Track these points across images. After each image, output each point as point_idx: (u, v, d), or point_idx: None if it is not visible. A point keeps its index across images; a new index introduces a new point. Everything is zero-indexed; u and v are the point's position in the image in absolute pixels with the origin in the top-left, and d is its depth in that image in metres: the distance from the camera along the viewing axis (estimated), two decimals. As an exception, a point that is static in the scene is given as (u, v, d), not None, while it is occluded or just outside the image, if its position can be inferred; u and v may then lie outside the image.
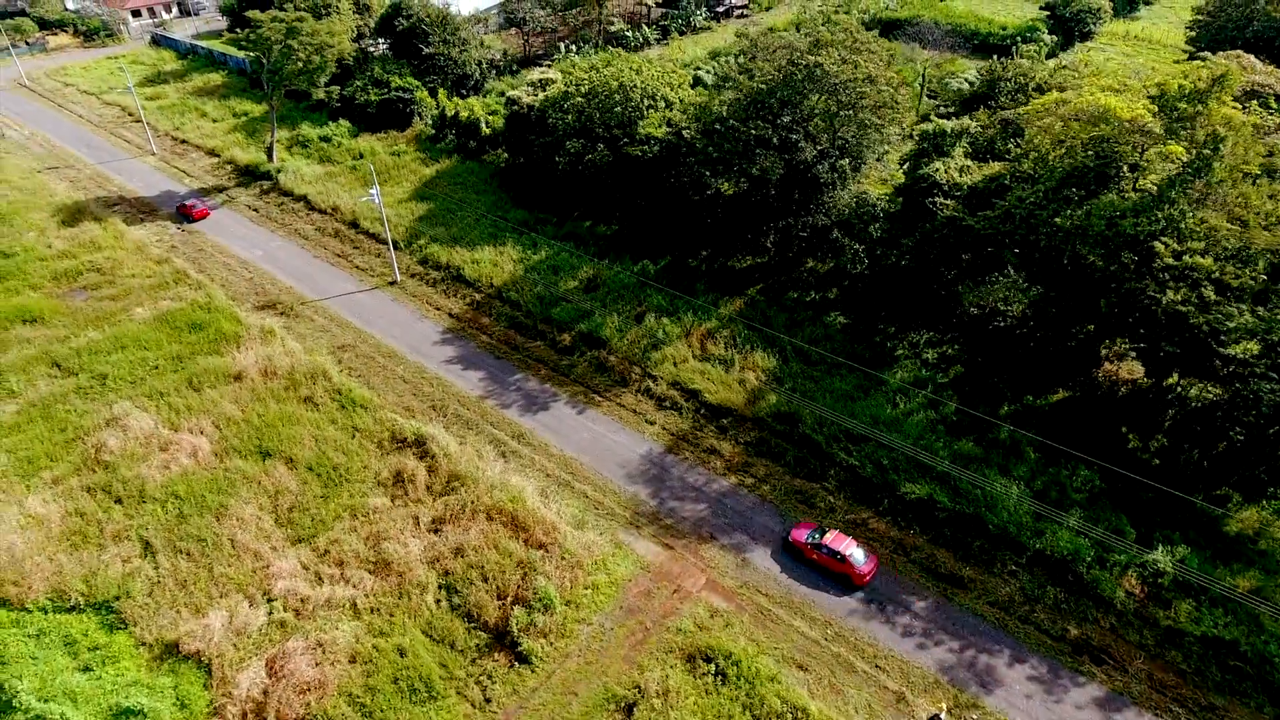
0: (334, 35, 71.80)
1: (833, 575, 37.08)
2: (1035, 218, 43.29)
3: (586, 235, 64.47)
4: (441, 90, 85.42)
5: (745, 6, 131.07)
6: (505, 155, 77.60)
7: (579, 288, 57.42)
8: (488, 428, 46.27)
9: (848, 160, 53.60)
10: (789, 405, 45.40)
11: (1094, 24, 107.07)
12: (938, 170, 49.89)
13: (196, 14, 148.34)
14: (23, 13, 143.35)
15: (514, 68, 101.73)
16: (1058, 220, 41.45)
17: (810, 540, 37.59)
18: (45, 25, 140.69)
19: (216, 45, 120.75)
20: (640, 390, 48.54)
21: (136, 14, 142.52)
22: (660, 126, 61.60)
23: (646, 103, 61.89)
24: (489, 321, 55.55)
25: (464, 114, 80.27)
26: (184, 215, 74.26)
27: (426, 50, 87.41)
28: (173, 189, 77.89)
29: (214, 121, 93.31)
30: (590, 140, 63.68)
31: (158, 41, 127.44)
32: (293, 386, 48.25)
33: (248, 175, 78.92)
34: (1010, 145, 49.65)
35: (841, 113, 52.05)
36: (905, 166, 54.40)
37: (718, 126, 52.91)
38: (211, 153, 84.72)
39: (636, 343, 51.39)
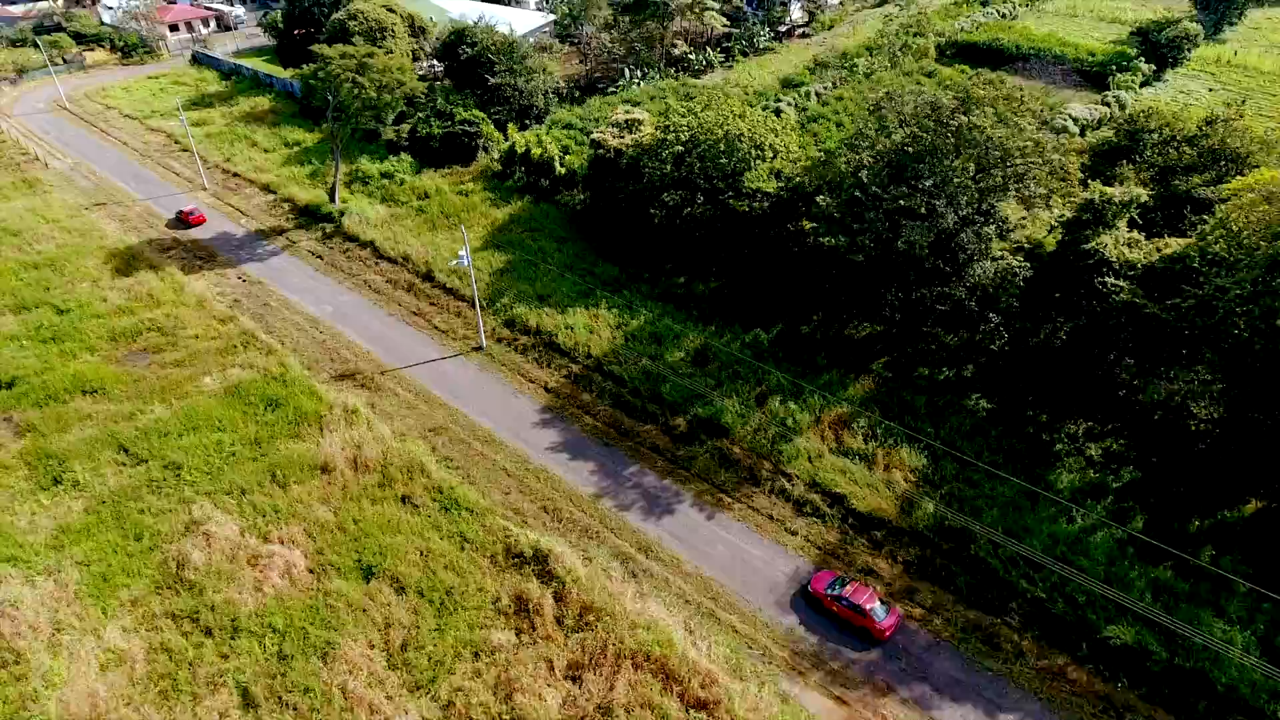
0: (404, 71, 66.92)
1: (853, 629, 36.41)
2: (1239, 311, 37.88)
3: (684, 294, 59.37)
4: (512, 126, 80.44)
5: (807, 25, 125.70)
6: (581, 197, 72.65)
7: (686, 360, 52.31)
8: (609, 536, 41.24)
9: (993, 227, 48.24)
10: (950, 518, 40.14)
11: (1187, 49, 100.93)
12: (1106, 246, 44.43)
13: (235, 28, 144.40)
14: (59, 28, 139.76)
15: (576, 94, 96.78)
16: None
17: (831, 592, 37.01)
18: (81, 40, 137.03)
19: (261, 65, 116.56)
20: (774, 490, 43.39)
21: (174, 28, 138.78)
22: (769, 180, 56.44)
23: (754, 153, 56.69)
24: (591, 399, 50.52)
25: (535, 151, 75.30)
26: (182, 222, 74.51)
27: (493, 81, 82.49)
28: (229, 230, 73.37)
29: (265, 152, 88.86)
30: (690, 191, 58.62)
31: (198, 60, 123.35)
32: (387, 482, 43.39)
33: (307, 216, 74.27)
34: (1194, 220, 44.19)
35: (992, 177, 46.61)
36: (1058, 233, 48.90)
37: (857, 194, 47.53)
38: (267, 189, 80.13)
39: (762, 431, 46.26)
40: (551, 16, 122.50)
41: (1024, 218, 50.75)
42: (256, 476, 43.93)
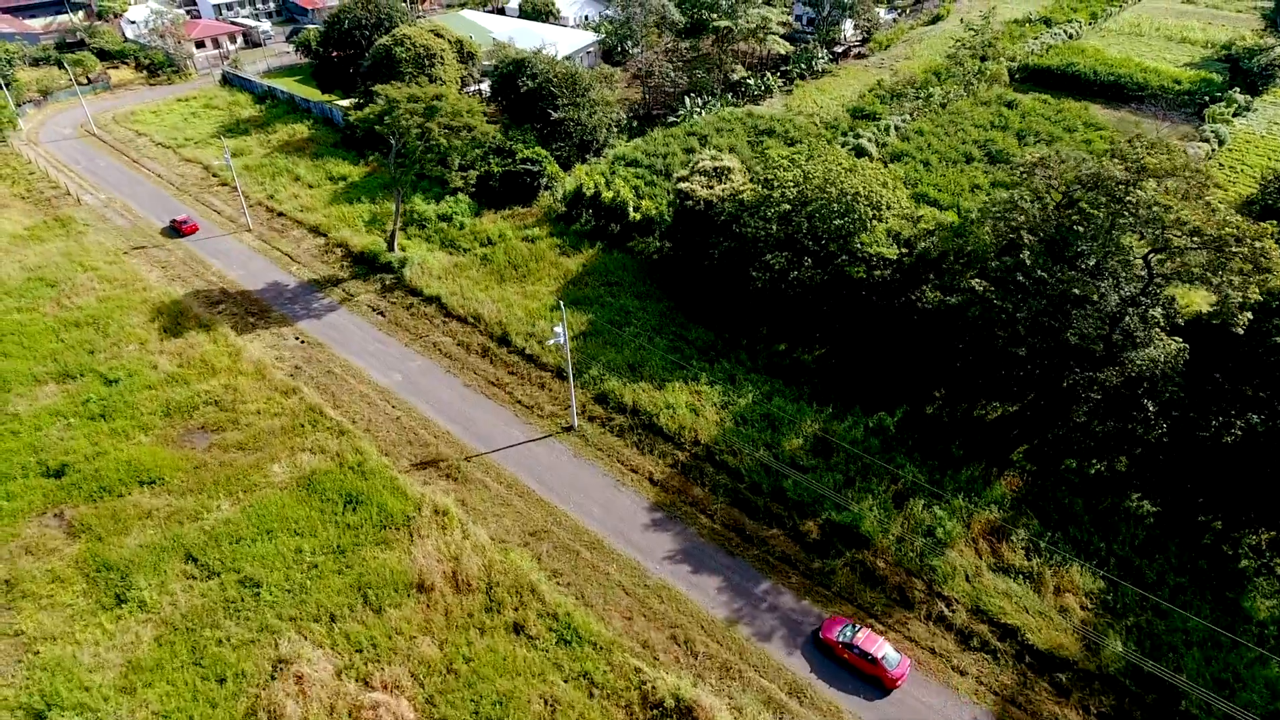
0: (474, 114, 61.84)
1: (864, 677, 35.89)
2: None
3: (789, 365, 54.29)
4: (580, 167, 75.33)
5: (862, 45, 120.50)
6: (657, 244, 67.65)
7: (805, 448, 47.24)
8: (753, 675, 36.22)
9: (1160, 309, 43.04)
10: (1144, 659, 35.04)
11: (1278, 75, 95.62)
12: (1304, 337, 39.24)
13: (263, 44, 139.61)
14: (82, 44, 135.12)
15: (633, 123, 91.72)
16: None
17: (842, 639, 36.64)
18: (105, 56, 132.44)
19: (295, 87, 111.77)
20: (932, 617, 38.34)
21: (200, 45, 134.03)
22: (889, 243, 51.32)
23: (870, 213, 51.57)
24: (704, 495, 45.47)
25: (607, 194, 70.25)
26: (174, 230, 76.08)
27: (556, 116, 77.40)
28: (280, 279, 68.44)
29: (310, 187, 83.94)
30: (795, 253, 53.55)
31: (229, 81, 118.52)
32: (495, 605, 38.43)
33: (363, 264, 69.31)
34: None
35: (1173, 261, 41.38)
36: (1243, 318, 43.57)
37: (1020, 277, 42.25)
38: (316, 231, 75.22)
39: (906, 542, 41.18)
40: (596, 36, 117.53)
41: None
42: (345, 597, 38.98)
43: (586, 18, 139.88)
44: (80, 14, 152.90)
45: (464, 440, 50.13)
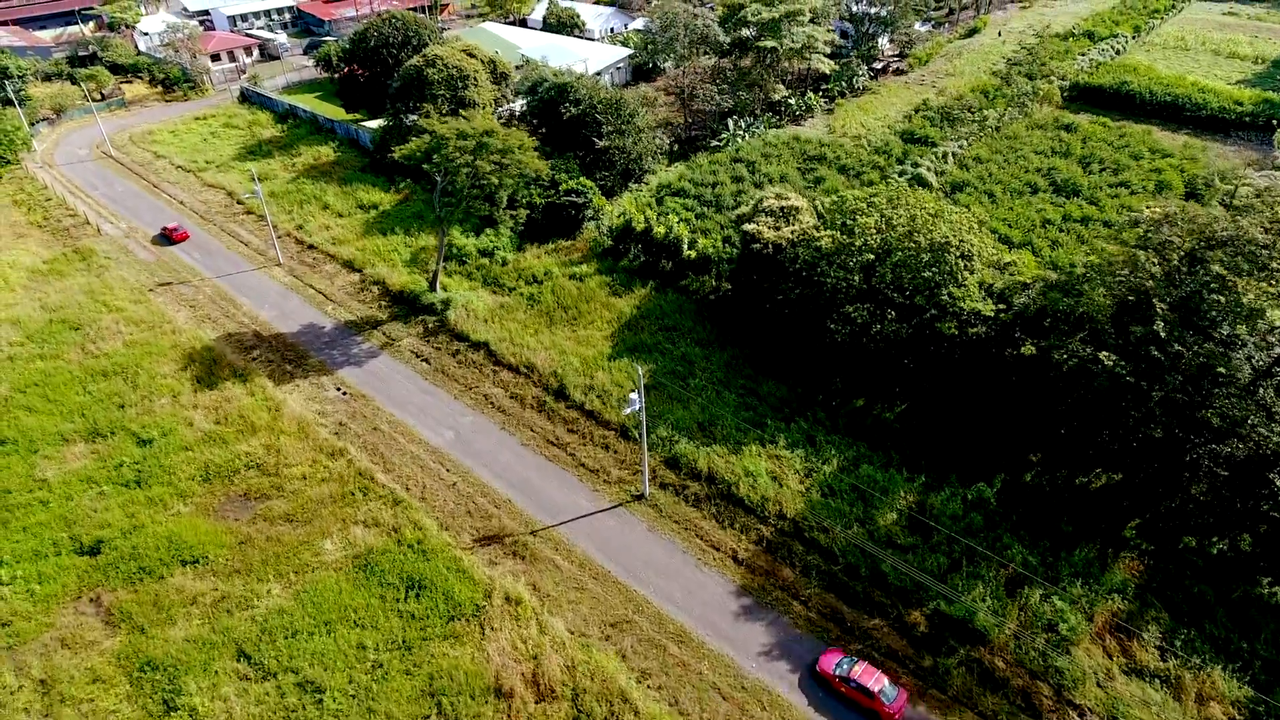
0: (525, 150, 58.23)
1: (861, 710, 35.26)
2: None
3: (870, 424, 50.72)
4: (628, 199, 71.69)
5: (900, 59, 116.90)
6: (713, 283, 64.13)
7: (902, 524, 43.70)
8: (873, 801, 32.70)
9: (1297, 377, 39.45)
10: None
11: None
12: None
13: (280, 58, 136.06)
14: (94, 57, 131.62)
15: (674, 146, 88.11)
16: None
17: (839, 672, 36.28)
18: (117, 70, 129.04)
19: (316, 105, 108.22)
20: (1064, 730, 34.80)
21: (215, 58, 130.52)
22: (982, 298, 47.74)
23: (961, 264, 47.99)
24: (794, 577, 41.92)
25: (659, 229, 66.68)
26: (165, 238, 77.80)
27: (601, 144, 73.80)
28: (315, 321, 64.93)
29: (339, 216, 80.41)
30: (877, 304, 49.98)
31: (248, 98, 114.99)
32: (583, 717, 34.89)
33: (403, 304, 65.78)
34: None
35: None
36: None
37: (1153, 350, 38.56)
38: (350, 266, 71.68)
39: (1025, 639, 37.64)
40: (626, 51, 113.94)
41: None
42: (417, 705, 35.46)
43: (612, 30, 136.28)
44: (90, 25, 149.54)
45: (528, 510, 46.59)
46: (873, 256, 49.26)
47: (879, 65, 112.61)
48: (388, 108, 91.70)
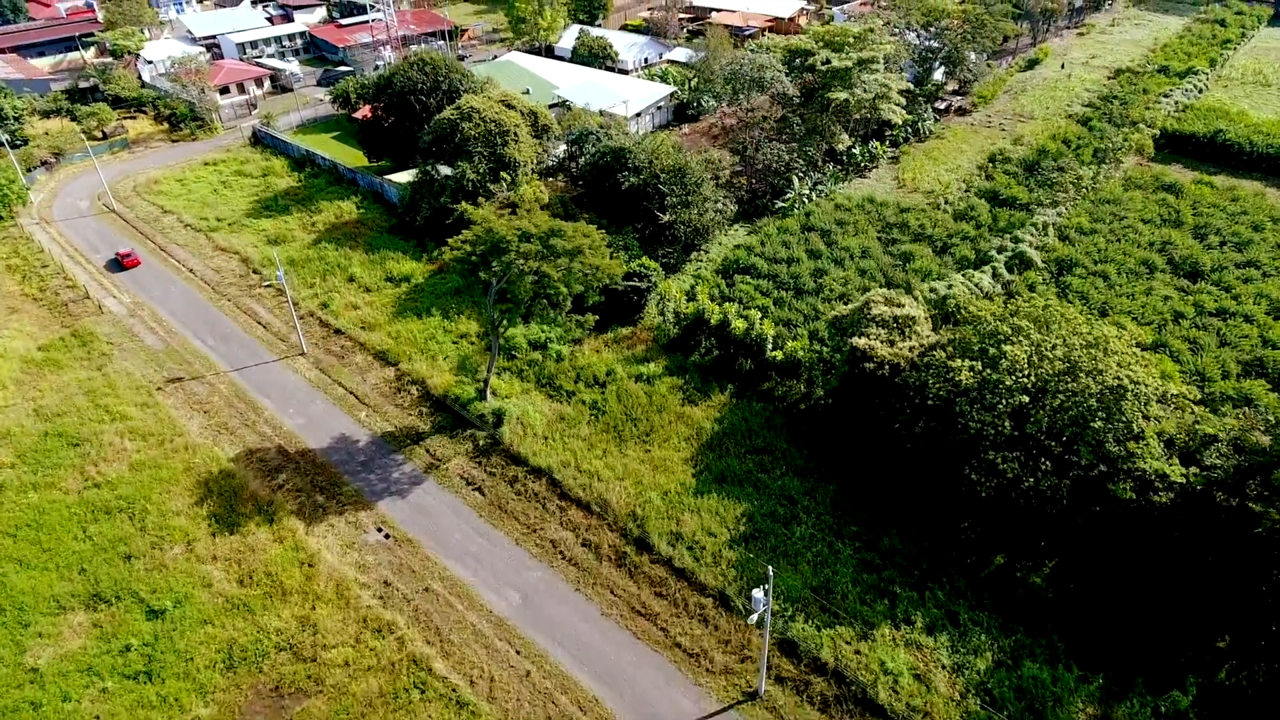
0: (595, 249, 49.99)
1: None
2: None
3: (1020, 593, 42.59)
4: (703, 289, 63.36)
5: (962, 96, 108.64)
6: (801, 387, 56.07)
7: (1086, 749, 35.63)
8: None
9: None
10: None
11: None
12: None
13: (292, 89, 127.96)
14: (95, 90, 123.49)
15: (735, 205, 79.77)
16: None
17: None
18: (120, 104, 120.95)
19: (335, 149, 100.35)
20: None
21: (224, 91, 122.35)
22: (1166, 458, 39.58)
23: (1138, 411, 39.84)
24: (963, 827, 33.85)
25: (737, 325, 58.52)
26: (117, 264, 76.70)
27: (666, 219, 65.63)
28: (348, 432, 56.89)
29: (366, 292, 72.34)
30: (1026, 451, 41.85)
31: (260, 140, 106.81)
32: None
33: (446, 412, 57.69)
34: None
35: None
36: None
37: None
38: (384, 359, 63.58)
39: None
40: (667, 89, 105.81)
41: None
42: None
43: (646, 60, 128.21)
44: (92, 51, 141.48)
45: (618, 713, 38.49)
46: (1026, 399, 41.06)
47: (943, 106, 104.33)
48: (418, 163, 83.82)
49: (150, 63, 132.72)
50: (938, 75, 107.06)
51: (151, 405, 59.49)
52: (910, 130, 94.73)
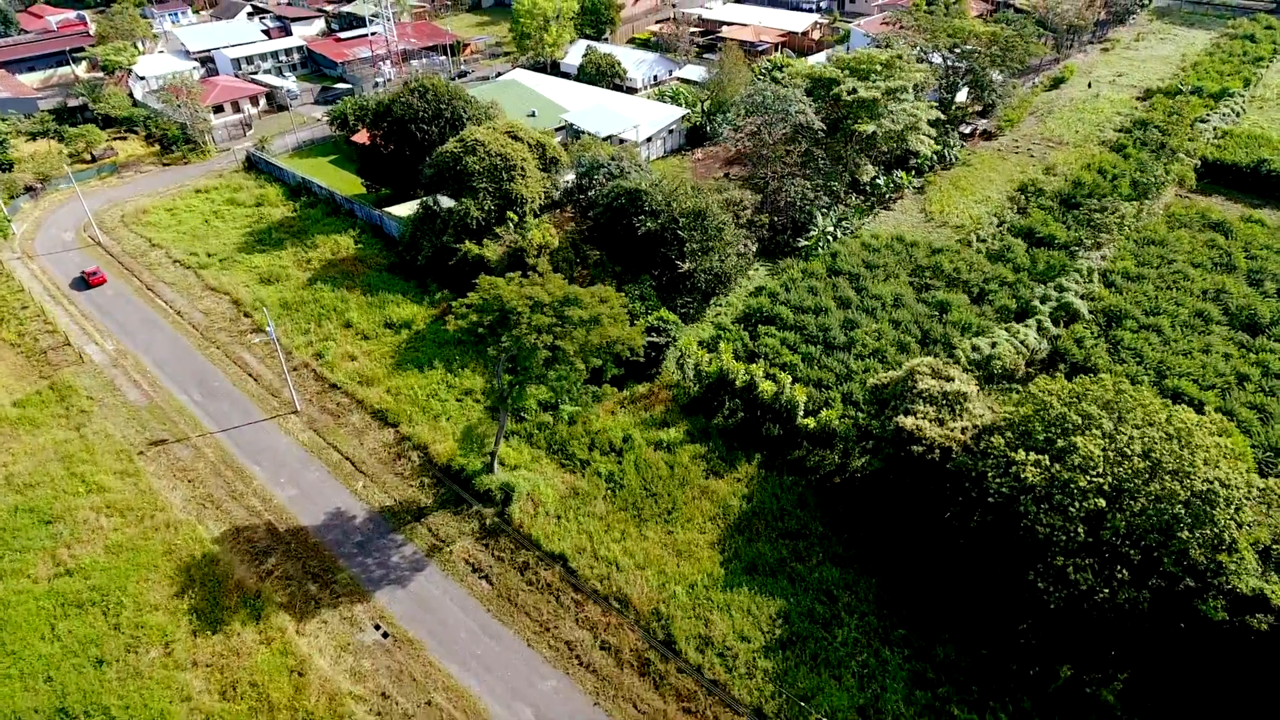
0: (615, 317, 45.50)
1: None
2: None
3: (1071, 701, 38.10)
4: (725, 347, 58.52)
5: (986, 118, 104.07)
6: (836, 459, 51.67)
7: None
8: None
9: None
10: None
11: None
12: None
13: (288, 107, 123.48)
14: (85, 110, 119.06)
15: (755, 241, 75.20)
16: None
17: None
18: (111, 123, 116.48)
19: (332, 174, 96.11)
20: None
21: (219, 109, 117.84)
22: (1260, 568, 35.12)
23: (1229, 522, 35.36)
24: None
25: (765, 387, 53.97)
26: (83, 282, 77.66)
27: (685, 267, 61.11)
28: (343, 506, 52.45)
29: (364, 339, 67.91)
30: (1100, 558, 37.38)
31: (254, 165, 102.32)
32: None
33: (450, 483, 53.22)
34: None
35: None
36: None
37: None
38: (382, 419, 59.13)
39: None
40: (679, 111, 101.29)
41: None
42: None
43: (655, 79, 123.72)
44: (83, 66, 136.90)
45: None
46: (1102, 502, 36.58)
47: (967, 130, 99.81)
48: (419, 195, 79.49)
49: (142, 79, 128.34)
50: (961, 96, 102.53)
51: (132, 474, 55.07)
52: (936, 157, 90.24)
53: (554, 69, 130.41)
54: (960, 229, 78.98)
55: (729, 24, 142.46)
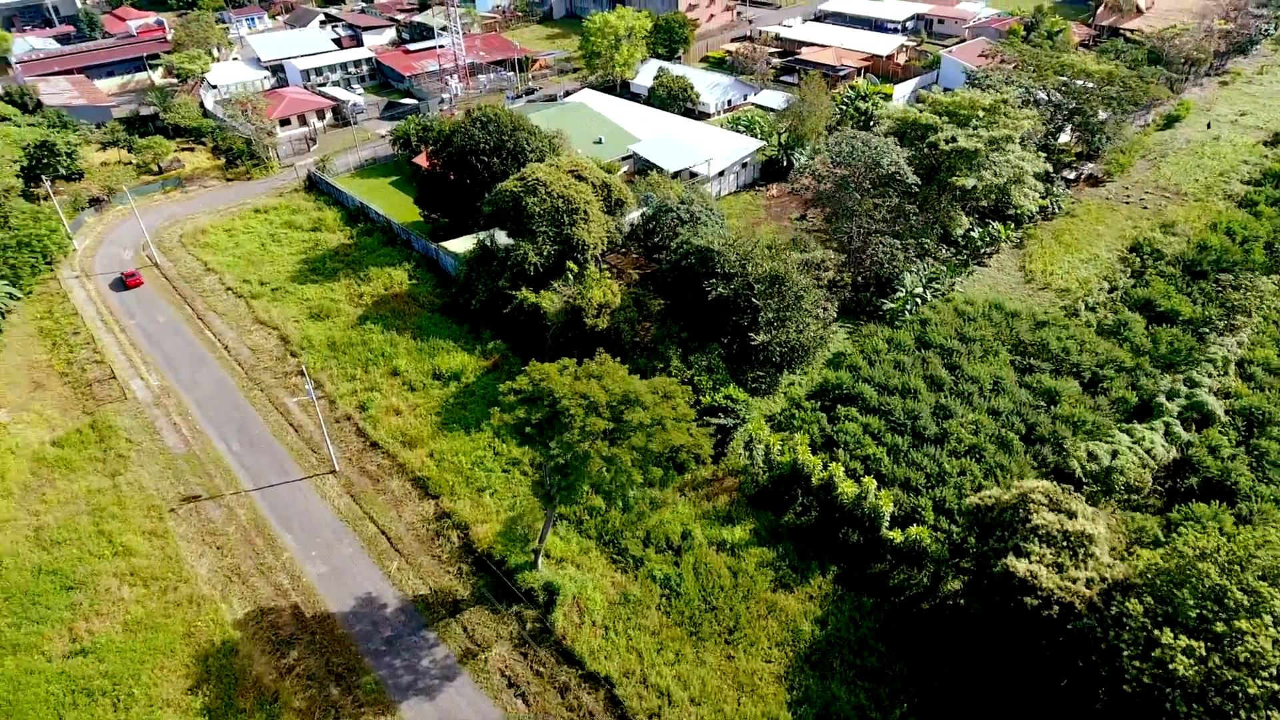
0: (680, 421, 40.03)
1: None
2: None
3: None
4: (802, 439, 52.55)
5: (1091, 160, 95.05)
6: (925, 581, 45.27)
7: None
8: None
9: None
10: None
11: None
12: None
13: (354, 122, 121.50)
14: (155, 119, 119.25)
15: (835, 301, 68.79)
16: None
17: None
18: (179, 133, 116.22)
19: (391, 196, 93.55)
20: None
21: (285, 123, 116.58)
22: None
23: None
24: None
25: (846, 489, 47.82)
26: (121, 283, 79.63)
27: (759, 339, 55.22)
28: (375, 591, 48.34)
29: (410, 390, 64.02)
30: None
31: (315, 185, 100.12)
32: None
33: (490, 573, 48.54)
34: None
35: None
36: None
37: None
38: (423, 488, 54.96)
39: None
40: (755, 144, 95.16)
41: None
42: None
43: (729, 103, 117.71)
44: (160, 71, 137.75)
45: None
46: (1278, 715, 29.56)
47: (1073, 176, 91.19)
48: (478, 227, 75.32)
49: (214, 87, 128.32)
50: (1063, 136, 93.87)
51: (160, 534, 52.07)
52: (1039, 210, 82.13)
53: (623, 88, 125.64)
54: (1065, 293, 71.14)
55: (808, 44, 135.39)
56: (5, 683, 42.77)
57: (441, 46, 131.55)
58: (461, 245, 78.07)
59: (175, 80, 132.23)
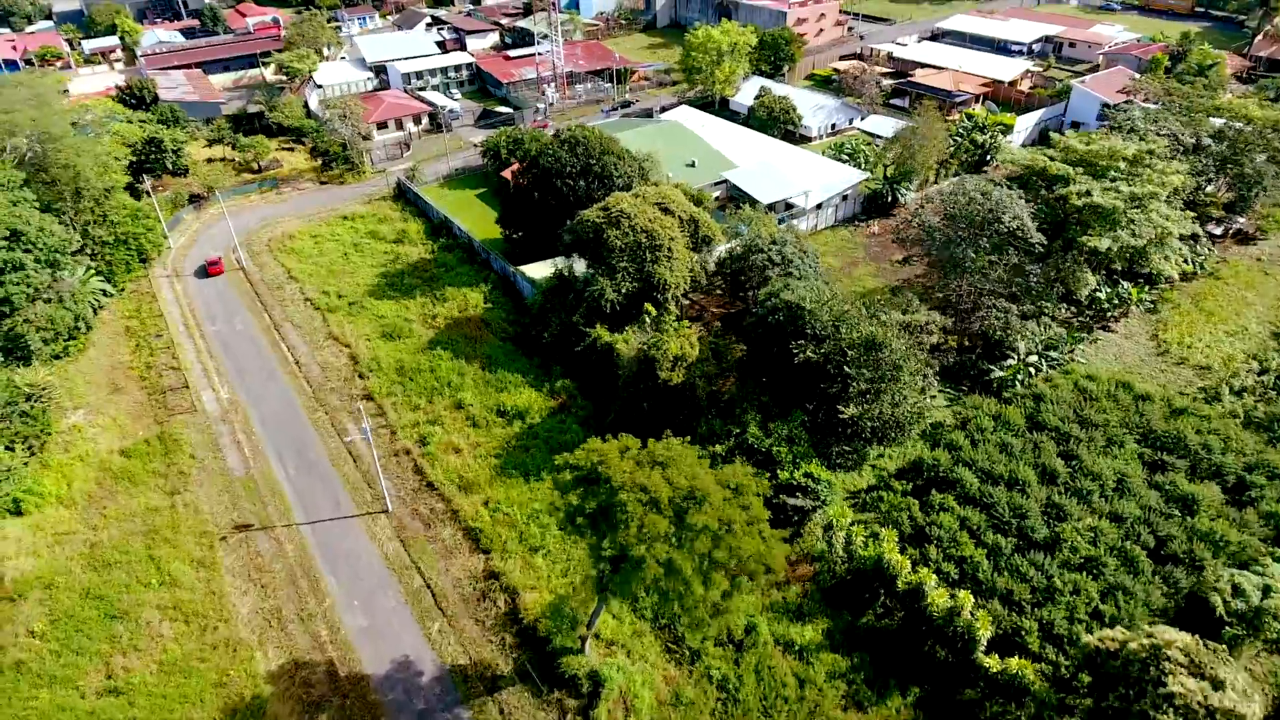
0: (751, 525, 35.30)
1: None
2: None
3: None
4: (889, 534, 46.80)
5: (1239, 211, 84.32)
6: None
7: None
8: None
9: None
10: None
11: None
12: None
13: (449, 128, 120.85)
14: (260, 117, 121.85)
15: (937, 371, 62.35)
16: None
17: None
18: (281, 132, 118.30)
19: (476, 209, 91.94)
20: None
21: (382, 126, 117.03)
22: None
23: None
24: None
25: (938, 600, 41.95)
26: (204, 271, 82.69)
27: (848, 412, 49.64)
28: (414, 655, 45.53)
29: (473, 426, 61.40)
30: None
31: (403, 195, 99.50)
32: None
33: (533, 647, 44.94)
34: None
35: None
36: None
37: None
38: (475, 540, 51.96)
39: None
40: (858, 176, 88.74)
41: None
42: None
43: (833, 127, 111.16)
44: (270, 69, 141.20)
45: None
46: None
47: (1219, 233, 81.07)
48: (556, 258, 72.25)
49: (320, 87, 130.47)
50: (1209, 185, 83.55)
51: (208, 565, 50.88)
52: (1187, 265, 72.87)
53: (722, 106, 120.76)
54: (1205, 372, 62.45)
55: (923, 66, 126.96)
56: (37, 717, 41.91)
57: (541, 54, 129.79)
58: (539, 271, 75.25)
59: (285, 77, 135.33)
